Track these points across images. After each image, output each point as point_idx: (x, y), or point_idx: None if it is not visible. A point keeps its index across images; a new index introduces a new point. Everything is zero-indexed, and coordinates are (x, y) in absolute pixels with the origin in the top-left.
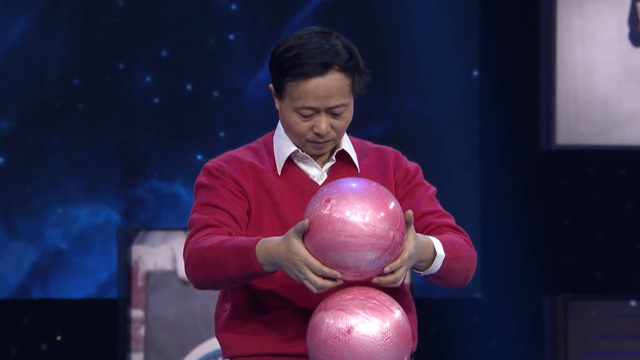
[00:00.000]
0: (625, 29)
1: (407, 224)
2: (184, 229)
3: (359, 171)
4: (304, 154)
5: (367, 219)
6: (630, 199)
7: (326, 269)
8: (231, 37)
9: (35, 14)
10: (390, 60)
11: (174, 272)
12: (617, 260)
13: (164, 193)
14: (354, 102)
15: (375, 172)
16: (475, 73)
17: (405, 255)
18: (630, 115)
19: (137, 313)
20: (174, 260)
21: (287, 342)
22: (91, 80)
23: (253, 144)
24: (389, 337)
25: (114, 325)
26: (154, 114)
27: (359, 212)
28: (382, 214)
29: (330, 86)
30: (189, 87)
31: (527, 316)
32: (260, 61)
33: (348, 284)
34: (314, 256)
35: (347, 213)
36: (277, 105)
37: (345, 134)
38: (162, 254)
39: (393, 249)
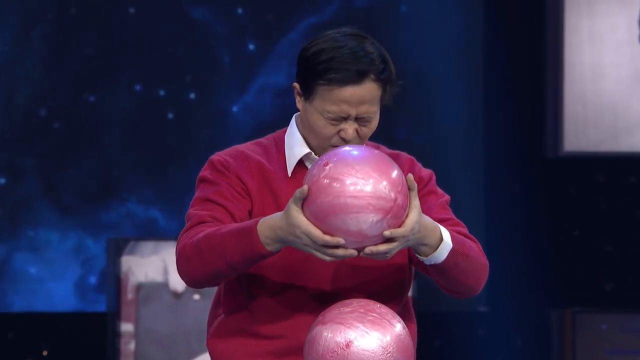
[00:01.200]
0: (636, 30)
1: (410, 189)
2: (177, 239)
3: None
4: (316, 157)
5: (367, 180)
6: None
7: (328, 238)
8: (218, 58)
9: (6, 40)
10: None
11: (165, 284)
12: (628, 272)
13: (140, 218)
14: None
15: None
16: (479, 76)
17: (408, 225)
18: None
19: (126, 327)
20: (166, 272)
21: (281, 355)
22: (67, 103)
23: (263, 140)
24: (389, 352)
25: (102, 339)
26: (133, 136)
27: (359, 173)
28: (384, 176)
29: (364, 95)
30: (171, 108)
31: (533, 330)
32: (246, 83)
33: (347, 296)
34: (314, 224)
35: (347, 175)
36: (300, 105)
37: None
38: (153, 264)
39: (396, 212)
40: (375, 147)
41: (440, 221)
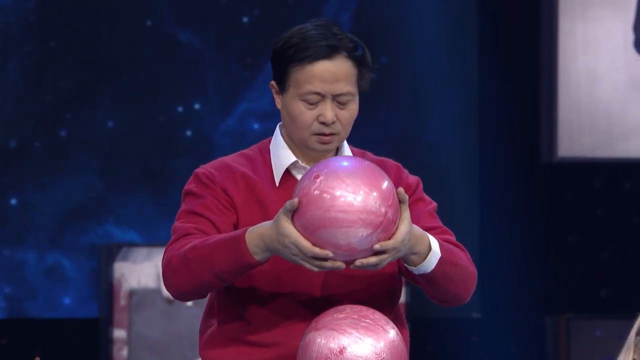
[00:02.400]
0: (631, 36)
1: (401, 201)
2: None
3: None
4: (303, 165)
5: (358, 194)
6: (637, 214)
7: (317, 250)
8: (202, 82)
9: None
10: (388, 69)
11: (158, 291)
12: (623, 278)
13: (117, 240)
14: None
15: None
16: (474, 82)
17: (399, 237)
18: (635, 126)
19: (119, 333)
20: (158, 278)
21: None
22: (45, 128)
23: (248, 151)
24: (383, 358)
25: (95, 346)
26: (113, 159)
27: (350, 187)
28: (374, 190)
29: (337, 71)
30: (152, 132)
31: (528, 337)
32: (230, 107)
33: (340, 303)
34: (304, 236)
35: (337, 188)
36: (279, 103)
37: (347, 144)
38: (145, 271)
39: (386, 226)
40: (361, 154)
41: (429, 229)
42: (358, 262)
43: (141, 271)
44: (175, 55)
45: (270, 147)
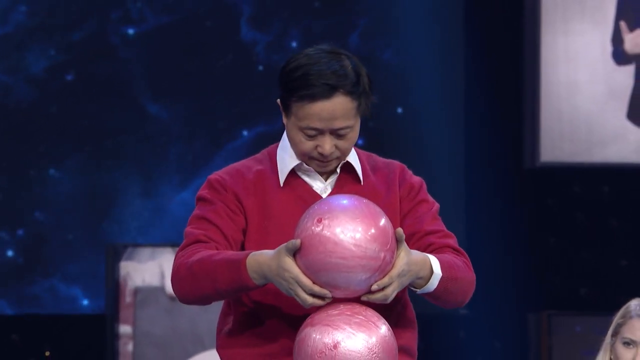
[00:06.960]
0: (609, 48)
1: (398, 241)
2: (172, 245)
3: (362, 184)
4: (308, 167)
5: (358, 240)
6: (614, 217)
7: (316, 288)
8: (164, 154)
9: None
10: (378, 72)
11: (161, 288)
12: (601, 277)
13: (62, 294)
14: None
15: (382, 187)
16: (460, 91)
17: (394, 272)
18: (613, 133)
19: (125, 329)
20: (162, 276)
21: (289, 355)
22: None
23: (258, 155)
24: (375, 352)
25: (102, 341)
26: (70, 215)
27: (350, 233)
28: (374, 235)
29: (335, 109)
30: (108, 195)
31: (512, 332)
32: (188, 179)
33: (335, 299)
34: (305, 274)
35: (339, 234)
36: (284, 120)
37: (353, 148)
38: (150, 270)
39: (383, 268)
40: (366, 157)
41: (432, 233)
42: (364, 298)
43: (145, 270)
44: (141, 126)
45: (277, 151)
